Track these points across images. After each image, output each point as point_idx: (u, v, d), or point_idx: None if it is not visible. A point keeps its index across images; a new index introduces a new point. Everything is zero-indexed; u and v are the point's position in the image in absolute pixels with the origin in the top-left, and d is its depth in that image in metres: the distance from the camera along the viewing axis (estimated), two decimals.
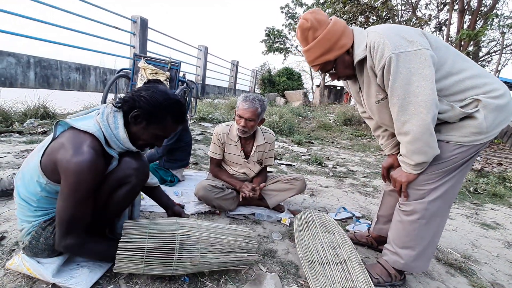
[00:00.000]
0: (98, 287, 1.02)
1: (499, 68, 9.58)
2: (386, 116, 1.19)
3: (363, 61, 1.12)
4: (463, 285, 1.42)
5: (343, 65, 1.16)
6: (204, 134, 4.42)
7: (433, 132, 1.04)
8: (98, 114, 1.01)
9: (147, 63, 3.07)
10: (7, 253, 1.13)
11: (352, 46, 1.13)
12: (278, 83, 15.63)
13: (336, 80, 1.24)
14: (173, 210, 1.39)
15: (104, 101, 3.01)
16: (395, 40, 1.00)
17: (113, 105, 1.03)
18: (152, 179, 1.37)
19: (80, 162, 0.87)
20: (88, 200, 0.94)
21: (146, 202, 1.76)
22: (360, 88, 1.25)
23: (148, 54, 5.78)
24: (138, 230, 1.07)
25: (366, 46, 1.07)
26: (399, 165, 1.39)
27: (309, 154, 4.41)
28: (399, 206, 1.26)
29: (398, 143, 1.38)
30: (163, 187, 2.07)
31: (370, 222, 1.90)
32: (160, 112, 1.01)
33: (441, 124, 1.14)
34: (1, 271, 1.02)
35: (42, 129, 3.19)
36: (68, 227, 0.92)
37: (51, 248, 1.01)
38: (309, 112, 9.81)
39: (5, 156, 2.21)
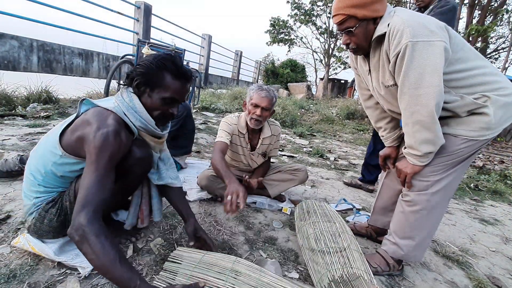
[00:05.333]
0: None
1: (507, 65, 9.45)
2: (393, 102, 1.19)
3: (380, 41, 1.11)
4: (459, 277, 1.44)
5: (364, 32, 1.11)
6: (207, 124, 4.41)
7: (438, 122, 1.05)
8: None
9: (151, 49, 3.05)
10: (13, 231, 1.15)
11: (379, 19, 1.10)
12: (282, 75, 15.52)
13: (346, 47, 1.19)
14: (193, 229, 1.17)
15: (107, 87, 3.00)
16: (416, 28, 0.99)
17: (120, 84, 1.04)
18: (174, 179, 1.23)
19: (106, 132, 0.88)
20: (109, 174, 0.89)
21: None
22: (370, 69, 1.24)
23: (152, 41, 5.72)
24: (181, 269, 0.94)
25: (388, 25, 1.05)
26: (396, 156, 1.41)
27: (311, 147, 4.41)
28: (402, 197, 1.28)
29: (400, 136, 1.39)
30: None
31: (370, 214, 1.91)
32: (155, 72, 0.99)
33: (450, 118, 1.15)
34: (8, 248, 1.04)
35: (45, 114, 3.20)
36: (85, 200, 0.82)
37: (55, 229, 1.02)
38: (312, 105, 9.77)
39: (9, 139, 2.22)
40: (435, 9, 1.92)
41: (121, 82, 1.04)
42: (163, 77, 1.00)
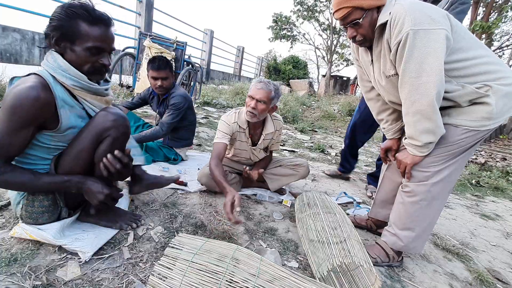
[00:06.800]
0: (103, 252, 1.05)
1: (511, 63, 9.36)
2: (394, 93, 1.18)
3: (382, 31, 1.09)
4: (459, 269, 1.44)
5: (370, 22, 1.09)
6: (208, 118, 4.41)
7: (439, 111, 1.04)
8: None
9: (153, 42, 3.04)
10: (14, 217, 1.16)
11: (382, 7, 1.08)
12: (284, 71, 15.45)
13: (353, 40, 1.18)
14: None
15: None
16: (417, 16, 0.98)
17: (39, 47, 1.01)
18: (137, 155, 1.26)
19: (21, 88, 0.86)
20: (21, 132, 0.88)
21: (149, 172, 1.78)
22: (372, 60, 1.23)
23: (153, 34, 5.70)
24: (182, 255, 0.91)
25: (390, 13, 1.04)
26: (397, 148, 1.40)
27: (312, 142, 4.41)
28: (402, 188, 1.28)
29: (401, 128, 1.38)
30: (166, 164, 2.09)
31: (370, 207, 1.91)
32: (68, 22, 0.91)
33: (451, 108, 1.14)
34: (10, 233, 1.05)
35: None
36: None
37: (48, 209, 1.03)
38: (313, 102, 9.73)
39: None
40: (458, 5, 1.87)
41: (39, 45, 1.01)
42: (78, 26, 0.91)
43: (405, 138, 1.19)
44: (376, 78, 1.26)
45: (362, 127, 2.39)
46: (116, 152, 0.98)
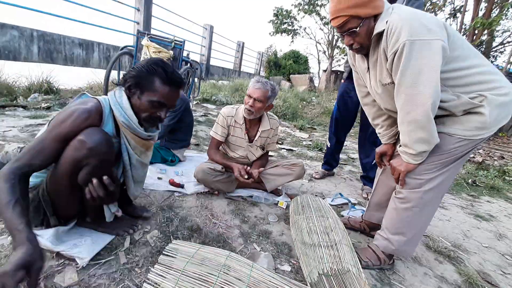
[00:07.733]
0: (99, 257, 1.07)
1: (511, 59, 9.27)
2: (390, 101, 1.19)
3: (379, 39, 1.10)
4: (449, 272, 1.47)
5: (367, 30, 1.09)
6: (207, 116, 4.42)
7: (433, 121, 1.06)
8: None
9: (151, 41, 3.03)
10: None
11: (379, 16, 1.08)
12: (284, 66, 15.36)
13: (350, 48, 1.18)
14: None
15: (107, 78, 3.00)
16: (414, 26, 0.98)
17: (114, 83, 1.09)
18: (133, 192, 1.26)
19: (78, 107, 0.96)
20: (53, 143, 0.92)
21: (147, 180, 1.80)
22: (368, 67, 1.24)
23: (152, 32, 5.67)
24: (175, 263, 0.95)
25: (386, 22, 1.03)
26: (392, 153, 1.42)
27: (311, 140, 4.42)
28: (395, 194, 1.30)
29: (396, 134, 1.40)
30: (164, 166, 2.12)
31: (365, 209, 1.94)
32: (145, 76, 1.04)
33: (446, 117, 1.15)
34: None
35: (46, 104, 3.22)
36: (18, 157, 0.89)
37: (29, 215, 1.03)
38: (313, 97, 9.70)
39: (10, 130, 2.24)
40: (414, 1, 1.83)
41: (116, 82, 1.10)
42: (153, 81, 1.05)
43: (400, 146, 1.20)
44: (372, 85, 1.27)
45: (344, 124, 2.55)
46: (104, 178, 0.96)
